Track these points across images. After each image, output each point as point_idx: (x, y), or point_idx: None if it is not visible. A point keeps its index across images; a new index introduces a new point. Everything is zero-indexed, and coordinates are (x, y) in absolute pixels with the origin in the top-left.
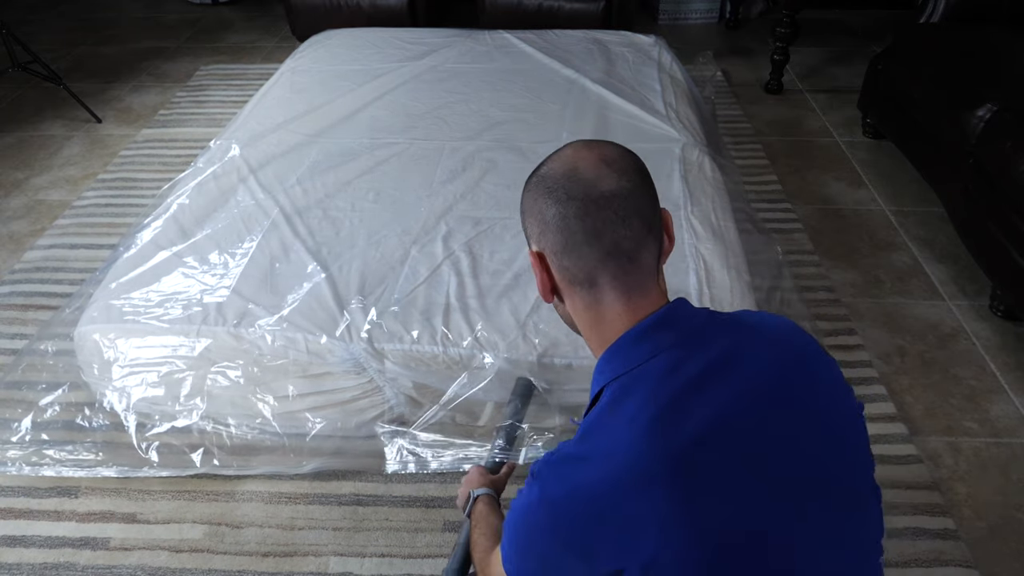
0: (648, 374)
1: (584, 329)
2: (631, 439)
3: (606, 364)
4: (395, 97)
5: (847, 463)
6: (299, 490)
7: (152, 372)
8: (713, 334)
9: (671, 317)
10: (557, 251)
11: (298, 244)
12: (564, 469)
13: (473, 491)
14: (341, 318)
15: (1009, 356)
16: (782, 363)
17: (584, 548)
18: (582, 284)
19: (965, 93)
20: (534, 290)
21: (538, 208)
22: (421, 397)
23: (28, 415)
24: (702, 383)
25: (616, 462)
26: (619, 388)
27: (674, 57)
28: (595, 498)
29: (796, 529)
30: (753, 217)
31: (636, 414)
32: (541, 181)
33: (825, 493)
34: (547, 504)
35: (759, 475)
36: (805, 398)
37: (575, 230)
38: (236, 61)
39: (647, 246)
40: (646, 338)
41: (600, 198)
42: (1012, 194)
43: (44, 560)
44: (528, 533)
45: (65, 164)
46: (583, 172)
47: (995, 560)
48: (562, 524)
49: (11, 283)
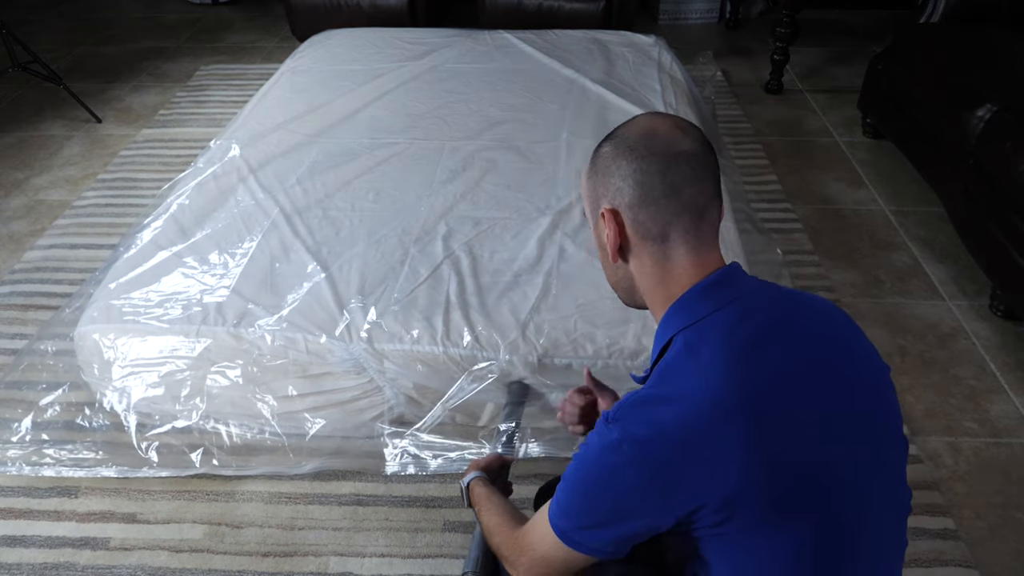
0: (718, 323)
1: (648, 288)
2: (712, 379)
3: (674, 315)
4: (395, 97)
5: (888, 412)
6: (299, 490)
7: (152, 372)
8: (768, 294)
9: (732, 275)
10: (634, 204)
11: (298, 244)
12: (646, 410)
13: (463, 481)
14: (341, 318)
15: (1009, 356)
16: (829, 322)
17: (669, 486)
18: (655, 239)
19: (965, 93)
20: (534, 290)
21: (617, 165)
22: (421, 397)
23: (28, 415)
24: (767, 333)
25: (699, 400)
26: (692, 335)
27: (674, 57)
28: (681, 435)
29: (856, 468)
30: (753, 217)
31: (713, 357)
32: (620, 141)
33: (877, 438)
34: (632, 443)
35: (820, 419)
36: (852, 351)
37: (655, 184)
38: (236, 61)
39: (714, 205)
40: (713, 292)
41: (680, 155)
42: (1012, 194)
43: (44, 560)
44: (607, 476)
45: (65, 164)
46: (662, 133)
47: (995, 560)
48: (649, 462)
49: (11, 283)
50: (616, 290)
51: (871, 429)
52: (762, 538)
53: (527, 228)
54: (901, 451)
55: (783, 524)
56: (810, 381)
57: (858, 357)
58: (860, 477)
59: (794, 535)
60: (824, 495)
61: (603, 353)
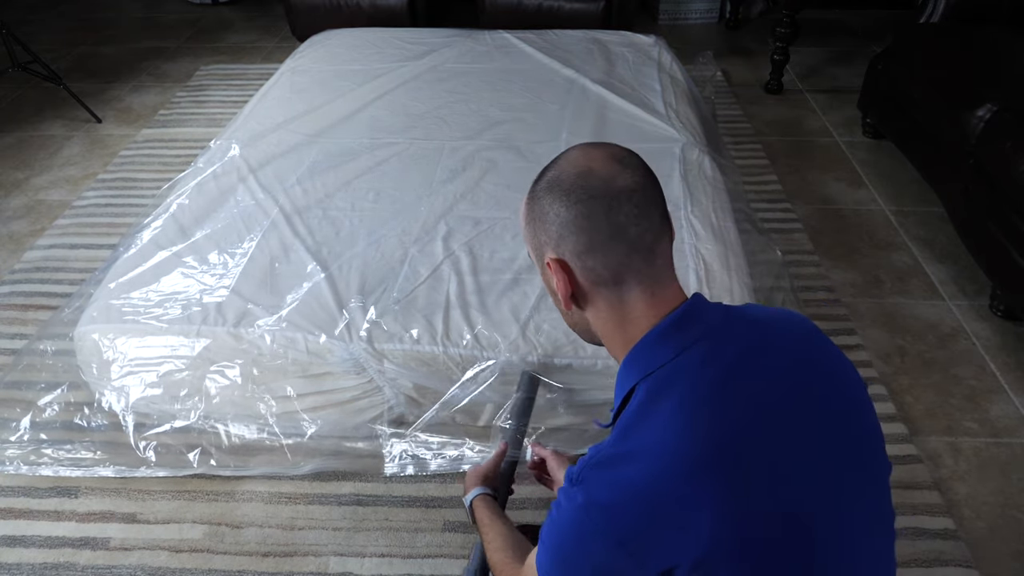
0: (682, 368)
1: (606, 332)
2: (677, 432)
3: (633, 362)
4: (395, 97)
5: (869, 436)
6: (299, 490)
7: (151, 372)
8: (734, 327)
9: (694, 312)
10: (581, 252)
11: (298, 244)
12: (609, 472)
13: (466, 498)
14: (341, 318)
15: (1009, 356)
16: (800, 349)
17: (639, 550)
18: (607, 283)
19: (965, 93)
20: (534, 290)
21: (554, 212)
22: (421, 397)
23: (27, 415)
24: (735, 374)
25: (664, 456)
26: (653, 384)
27: (674, 57)
28: (647, 496)
29: (839, 508)
30: (752, 218)
31: (678, 408)
32: (554, 186)
33: (858, 467)
34: (597, 509)
35: (799, 459)
36: (826, 376)
37: (600, 228)
38: (236, 61)
39: (664, 238)
40: (674, 334)
41: (620, 193)
42: (1012, 194)
43: (44, 560)
44: (578, 543)
45: (65, 164)
46: (598, 171)
47: (995, 560)
48: (616, 527)
49: (11, 283)
50: (575, 331)
51: (853, 458)
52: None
53: None
54: (884, 475)
55: (762, 566)
56: (786, 416)
57: (835, 378)
58: (843, 514)
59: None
60: (805, 544)
61: (602, 353)
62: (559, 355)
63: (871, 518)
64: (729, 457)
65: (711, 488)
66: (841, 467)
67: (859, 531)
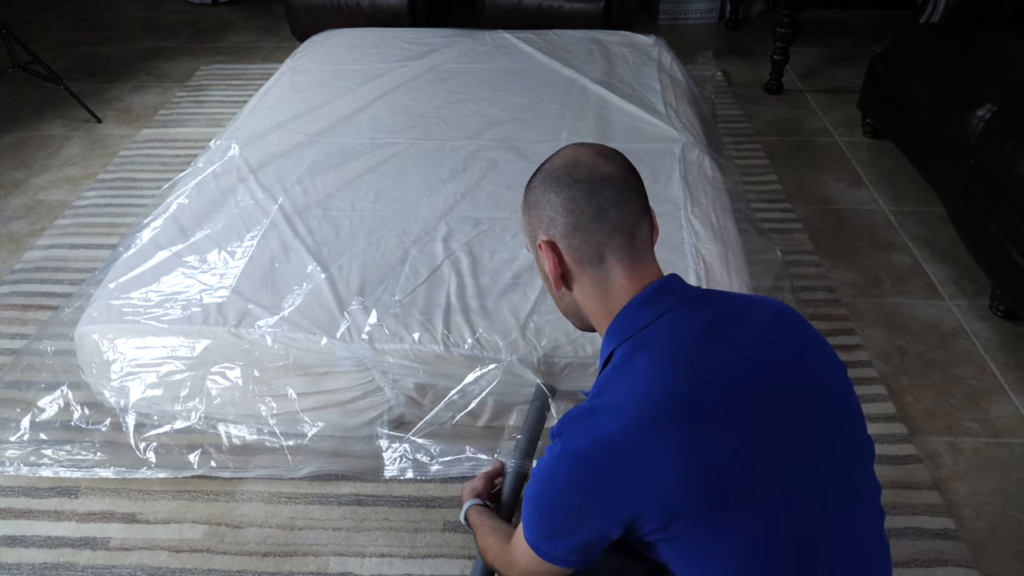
0: (656, 332)
1: (592, 307)
2: (646, 386)
3: (614, 329)
4: (395, 97)
5: (846, 412)
6: (299, 490)
7: (151, 372)
8: (709, 299)
9: (670, 285)
10: (568, 232)
11: (298, 244)
12: (585, 422)
13: (461, 515)
14: (341, 318)
15: (1009, 356)
16: (774, 325)
17: (607, 495)
18: (591, 262)
19: (965, 93)
20: (534, 290)
21: (546, 198)
22: (421, 398)
23: (27, 415)
24: (705, 338)
25: (633, 408)
26: (630, 347)
27: (674, 57)
28: (616, 445)
29: (812, 471)
30: (752, 218)
31: (649, 365)
32: (547, 175)
33: (832, 439)
34: (572, 456)
35: (759, 420)
36: (796, 351)
37: (584, 209)
38: (236, 61)
39: (643, 223)
40: (650, 302)
41: (603, 179)
42: (1012, 194)
43: (44, 560)
44: (555, 489)
45: (65, 164)
46: (583, 161)
47: (995, 560)
48: (588, 474)
49: (11, 283)
50: (567, 317)
51: (826, 427)
52: (707, 541)
53: None
54: (864, 452)
55: (725, 525)
56: (755, 378)
57: (812, 355)
58: (812, 475)
59: (738, 535)
60: (766, 494)
61: None
62: (559, 355)
63: (851, 490)
64: (694, 410)
65: (674, 437)
66: (813, 435)
67: (836, 501)
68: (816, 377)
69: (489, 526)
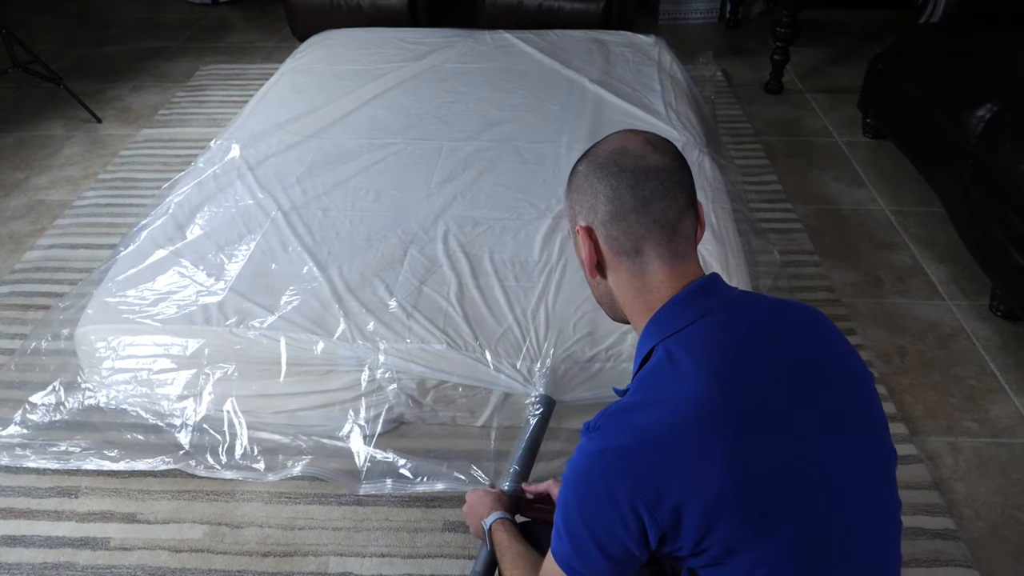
0: (699, 333)
1: (627, 299)
2: (692, 385)
3: (655, 325)
4: (395, 97)
5: (875, 422)
6: (299, 490)
7: (150, 371)
8: (747, 302)
9: (712, 285)
10: (607, 221)
11: (297, 243)
12: (626, 417)
13: (486, 521)
14: (340, 318)
15: (1009, 356)
16: (809, 332)
17: (652, 491)
18: (628, 253)
19: (965, 93)
20: (534, 291)
21: (589, 183)
22: (421, 397)
23: (23, 412)
24: (747, 340)
25: (679, 406)
26: (673, 343)
27: (674, 57)
28: (661, 441)
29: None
30: (750, 218)
31: (695, 365)
32: (592, 160)
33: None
34: (614, 452)
35: (808, 416)
36: (830, 358)
37: (626, 199)
38: (236, 61)
39: (687, 219)
40: (693, 301)
41: (648, 170)
42: (1012, 194)
43: (44, 560)
44: (596, 486)
45: (65, 164)
46: (631, 150)
47: (995, 560)
48: (631, 469)
49: (11, 283)
50: (601, 305)
51: (856, 434)
52: (740, 553)
53: (527, 229)
54: (888, 460)
55: (761, 535)
56: (795, 383)
57: (844, 364)
58: (843, 481)
59: (773, 546)
60: (803, 497)
61: (602, 356)
62: (559, 357)
63: (873, 494)
64: (740, 413)
65: (722, 440)
66: (845, 437)
67: (861, 501)
68: (850, 386)
69: (517, 553)
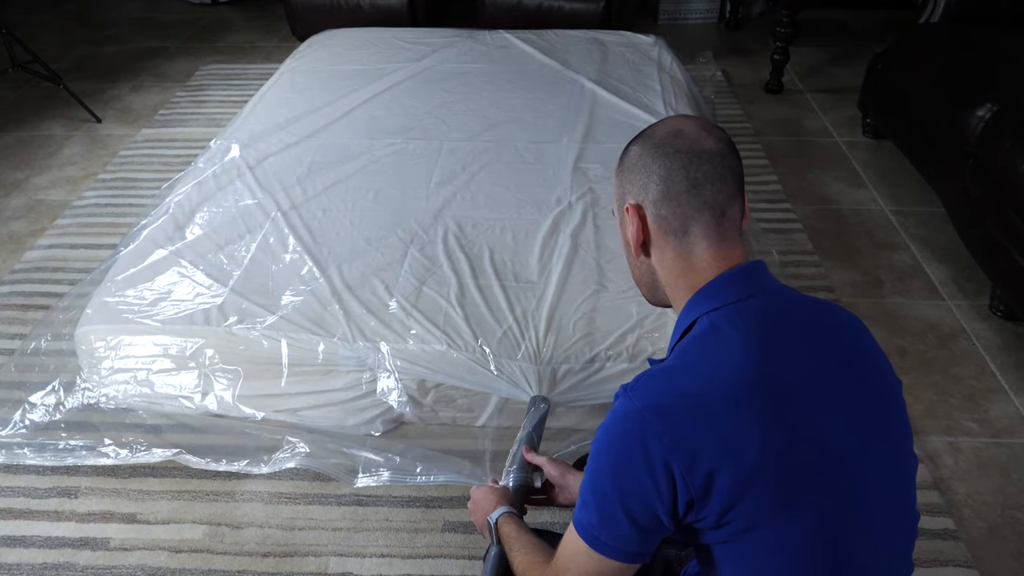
0: (745, 310)
1: (670, 279)
2: (736, 356)
3: (700, 300)
4: (395, 97)
5: (903, 423)
6: (299, 490)
7: (150, 371)
8: (786, 293)
9: (758, 270)
10: (657, 200)
11: (297, 244)
12: (668, 379)
13: (491, 516)
14: (340, 318)
15: (1009, 356)
16: (846, 329)
17: (690, 453)
18: (676, 233)
19: (965, 93)
20: (534, 291)
21: (643, 163)
22: (421, 397)
23: (23, 412)
24: (790, 327)
25: (721, 376)
26: (718, 317)
27: (674, 57)
28: (701, 405)
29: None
30: (750, 218)
31: (739, 336)
32: (647, 140)
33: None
34: (654, 411)
35: (839, 407)
36: (867, 359)
37: (678, 180)
38: (236, 61)
39: (736, 204)
40: (740, 280)
41: (702, 153)
42: (1012, 194)
43: (44, 560)
44: (633, 443)
45: (65, 164)
46: (687, 132)
47: (995, 560)
48: (672, 429)
49: (11, 283)
50: (639, 286)
51: (883, 435)
52: (762, 530)
53: (527, 228)
54: (911, 466)
55: (786, 515)
56: (830, 374)
57: (877, 365)
58: (867, 478)
59: (794, 528)
60: (828, 486)
61: (602, 356)
62: (559, 356)
63: (895, 505)
64: (778, 390)
65: (762, 413)
66: (871, 439)
67: (882, 499)
68: (880, 388)
69: (528, 544)
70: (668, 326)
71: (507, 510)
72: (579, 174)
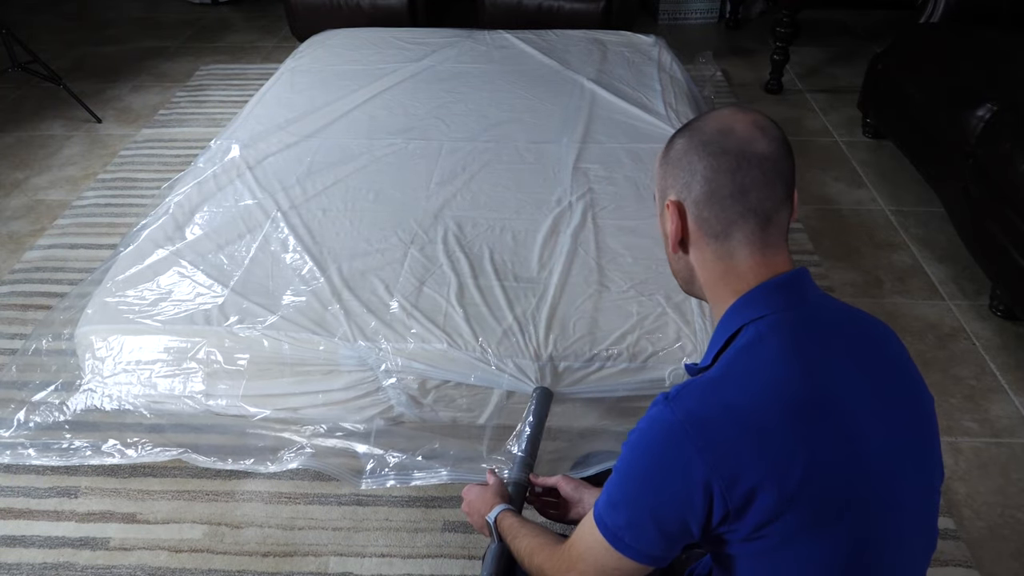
0: (791, 321)
1: (709, 281)
2: (783, 371)
3: (744, 306)
4: (395, 97)
5: (935, 440)
6: (299, 490)
7: (150, 371)
8: (830, 306)
9: (803, 279)
10: (699, 201)
11: (297, 244)
12: (711, 391)
13: (490, 516)
14: (340, 318)
15: (1009, 356)
16: (886, 343)
17: (732, 468)
18: (717, 236)
19: (965, 93)
20: (534, 291)
21: (688, 159)
22: (421, 397)
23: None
24: (836, 340)
25: (769, 391)
26: (764, 326)
27: (674, 57)
28: (748, 420)
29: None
30: None
31: (785, 350)
32: (695, 135)
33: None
34: (696, 423)
35: (880, 428)
36: (905, 374)
37: (724, 183)
38: (236, 61)
39: (784, 210)
40: (786, 289)
41: (753, 156)
42: (1012, 194)
43: (44, 560)
44: (672, 454)
45: (65, 164)
46: (739, 131)
47: (995, 560)
48: (714, 443)
49: (11, 283)
50: (675, 278)
51: (919, 454)
52: (795, 548)
53: (527, 228)
54: (939, 483)
55: (820, 534)
56: (872, 393)
57: (914, 379)
58: (900, 495)
59: (831, 543)
60: (864, 505)
61: (602, 355)
62: (559, 356)
63: (920, 521)
64: (827, 408)
65: (810, 430)
66: (909, 454)
67: (910, 518)
68: (917, 403)
69: (532, 528)
70: (668, 326)
71: (505, 507)
72: (579, 174)
